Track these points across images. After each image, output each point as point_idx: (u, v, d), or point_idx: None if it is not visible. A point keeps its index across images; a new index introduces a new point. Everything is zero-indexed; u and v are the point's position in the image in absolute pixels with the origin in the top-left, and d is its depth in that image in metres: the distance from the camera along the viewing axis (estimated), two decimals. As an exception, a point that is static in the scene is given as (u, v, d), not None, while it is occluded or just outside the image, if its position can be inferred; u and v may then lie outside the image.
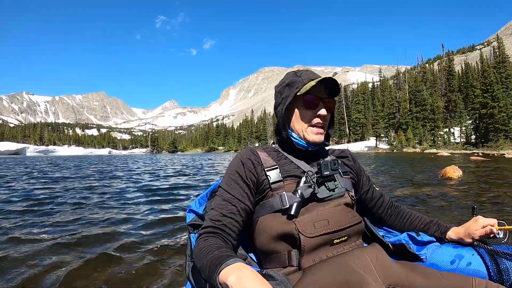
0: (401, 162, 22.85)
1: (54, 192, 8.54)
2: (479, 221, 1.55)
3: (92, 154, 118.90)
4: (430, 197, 6.99)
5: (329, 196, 1.51)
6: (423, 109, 73.69)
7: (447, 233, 1.65)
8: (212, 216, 1.43)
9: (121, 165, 24.61)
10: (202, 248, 1.28)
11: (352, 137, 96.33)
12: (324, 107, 1.58)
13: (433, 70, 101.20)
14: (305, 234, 1.38)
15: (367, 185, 1.81)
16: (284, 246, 1.45)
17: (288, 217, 1.42)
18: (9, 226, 4.85)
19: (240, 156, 1.60)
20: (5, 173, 16.30)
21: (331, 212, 1.46)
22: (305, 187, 1.47)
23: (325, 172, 1.50)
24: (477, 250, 1.48)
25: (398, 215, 1.83)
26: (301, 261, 1.38)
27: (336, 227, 1.43)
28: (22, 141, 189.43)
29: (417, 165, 18.89)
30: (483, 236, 1.53)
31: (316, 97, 1.57)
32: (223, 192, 1.51)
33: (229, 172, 1.57)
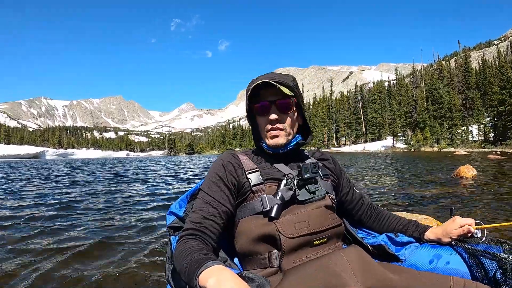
0: (417, 162, 22.82)
1: (68, 195, 8.63)
2: (457, 221, 1.56)
3: (110, 157, 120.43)
4: (439, 197, 7.01)
5: (310, 198, 1.52)
6: (440, 107, 73.43)
7: (425, 233, 1.65)
8: (193, 219, 1.44)
9: (139, 167, 25.00)
10: (182, 250, 1.28)
11: (369, 137, 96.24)
12: (276, 109, 1.57)
13: (449, 67, 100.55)
14: (285, 234, 1.39)
15: (347, 187, 1.82)
16: (265, 247, 1.46)
17: (269, 219, 1.44)
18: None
19: (221, 159, 1.61)
20: (33, 175, 16.76)
21: (311, 213, 1.47)
22: (285, 190, 1.48)
23: (305, 175, 1.50)
24: (455, 249, 1.49)
25: (377, 217, 1.85)
26: (282, 262, 1.40)
27: (316, 228, 1.44)
28: (41, 145, 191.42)
29: (433, 165, 18.87)
30: (461, 236, 1.55)
31: (266, 102, 1.57)
32: (204, 194, 1.51)
33: (210, 175, 1.57)
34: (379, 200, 6.81)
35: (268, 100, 1.58)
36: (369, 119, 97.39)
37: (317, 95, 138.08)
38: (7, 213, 6.01)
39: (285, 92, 1.54)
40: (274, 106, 1.58)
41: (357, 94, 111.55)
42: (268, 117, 1.58)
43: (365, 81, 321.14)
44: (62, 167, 25.36)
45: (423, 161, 23.21)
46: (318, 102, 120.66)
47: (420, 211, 5.21)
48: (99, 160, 67.41)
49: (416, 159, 27.96)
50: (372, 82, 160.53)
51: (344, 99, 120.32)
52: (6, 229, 4.78)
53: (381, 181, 10.61)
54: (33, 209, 6.36)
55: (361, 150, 78.93)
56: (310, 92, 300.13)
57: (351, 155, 50.38)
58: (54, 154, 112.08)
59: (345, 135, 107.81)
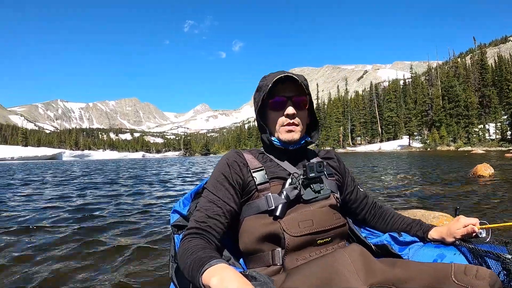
0: (433, 161, 22.73)
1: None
2: (461, 221, 1.55)
3: (126, 158, 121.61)
4: (456, 195, 7.05)
5: (315, 197, 1.53)
6: (456, 105, 72.83)
7: (429, 232, 1.65)
8: (197, 217, 1.44)
9: (157, 168, 24.94)
10: (186, 249, 1.28)
11: (385, 136, 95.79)
12: (292, 105, 1.57)
13: (465, 64, 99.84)
14: (289, 233, 1.40)
15: (351, 186, 1.83)
16: (269, 246, 1.47)
17: (273, 218, 1.45)
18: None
19: (226, 158, 1.62)
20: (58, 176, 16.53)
21: (315, 212, 1.48)
22: (290, 189, 1.49)
23: (310, 174, 1.51)
24: (459, 249, 1.49)
25: (381, 216, 1.86)
26: (285, 260, 1.41)
27: (320, 227, 1.45)
28: (58, 146, 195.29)
29: (449, 164, 18.81)
30: (465, 235, 1.54)
31: (283, 97, 1.57)
32: (208, 193, 1.52)
33: (215, 174, 1.58)
34: (395, 198, 6.94)
35: (285, 96, 1.58)
36: (384, 118, 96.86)
37: (332, 95, 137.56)
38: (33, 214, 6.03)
39: (302, 89, 1.59)
40: (291, 102, 1.58)
41: (372, 93, 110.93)
42: (284, 112, 1.58)
43: (380, 80, 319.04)
44: (80, 168, 25.62)
45: (439, 160, 23.22)
46: (333, 102, 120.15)
47: (437, 209, 5.27)
48: (116, 161, 68.19)
49: (433, 158, 27.90)
50: (387, 81, 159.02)
51: (359, 98, 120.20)
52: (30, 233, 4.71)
53: (398, 180, 10.81)
54: (52, 211, 6.41)
55: (376, 150, 78.63)
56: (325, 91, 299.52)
57: (367, 155, 50.06)
58: (71, 155, 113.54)
59: (361, 135, 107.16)
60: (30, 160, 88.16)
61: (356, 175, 12.54)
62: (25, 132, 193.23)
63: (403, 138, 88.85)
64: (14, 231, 4.73)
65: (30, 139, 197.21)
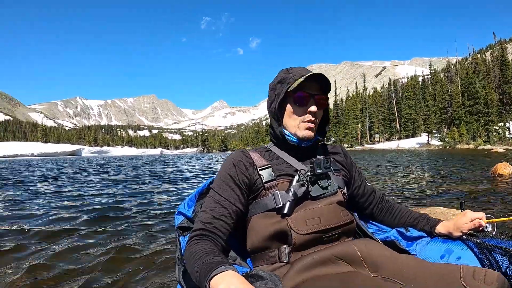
0: (452, 159, 22.57)
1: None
2: (467, 215, 1.56)
3: (144, 154, 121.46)
4: (474, 194, 7.03)
5: (322, 194, 1.53)
6: (476, 102, 71.79)
7: (436, 227, 1.66)
8: (203, 219, 1.45)
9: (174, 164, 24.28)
10: (192, 252, 1.29)
11: (403, 134, 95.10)
12: (314, 103, 1.58)
13: (485, 60, 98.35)
14: (297, 231, 1.41)
15: (359, 180, 1.84)
16: (276, 243, 1.48)
17: (281, 215, 1.45)
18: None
19: (232, 158, 1.61)
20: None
21: (323, 210, 1.48)
22: (298, 186, 1.49)
23: (318, 170, 1.51)
24: (466, 244, 1.49)
25: (388, 210, 1.87)
26: (291, 257, 1.43)
27: (327, 225, 1.45)
28: (78, 143, 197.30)
29: (469, 162, 18.66)
30: (471, 230, 1.55)
31: (306, 93, 1.57)
32: (214, 194, 1.52)
33: (221, 174, 1.58)
34: (414, 196, 7.00)
35: (310, 93, 1.58)
36: (403, 116, 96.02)
37: (350, 91, 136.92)
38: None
39: (325, 88, 1.63)
40: (313, 100, 1.59)
41: (391, 90, 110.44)
42: (306, 109, 1.58)
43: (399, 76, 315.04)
44: (101, 164, 24.29)
45: (458, 159, 23.08)
46: (351, 99, 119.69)
47: (455, 207, 5.20)
48: (135, 157, 68.75)
49: (452, 156, 27.67)
50: (405, 77, 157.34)
51: (378, 95, 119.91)
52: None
53: (417, 178, 10.90)
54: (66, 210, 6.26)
55: (395, 147, 78.51)
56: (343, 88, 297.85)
57: (385, 152, 49.78)
58: (90, 151, 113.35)
59: (379, 132, 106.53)
60: (49, 156, 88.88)
61: (374, 173, 13.06)
62: (45, 129, 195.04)
63: (422, 135, 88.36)
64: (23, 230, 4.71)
65: (50, 136, 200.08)
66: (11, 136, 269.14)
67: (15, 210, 6.17)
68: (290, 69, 1.63)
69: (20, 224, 5.09)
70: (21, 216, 5.67)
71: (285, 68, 1.68)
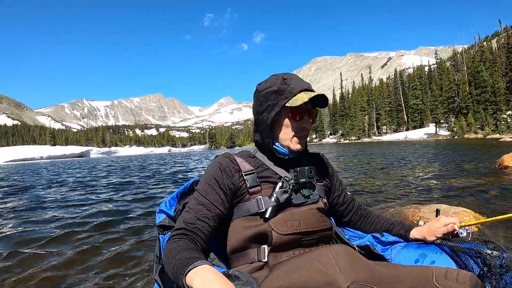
0: (460, 150, 22.18)
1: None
2: (441, 220, 1.59)
3: (152, 153, 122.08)
4: (479, 188, 6.85)
5: (304, 202, 1.56)
6: (483, 91, 71.38)
7: (410, 232, 1.69)
8: (186, 219, 1.45)
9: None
10: (171, 249, 1.30)
11: (411, 124, 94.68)
12: (308, 118, 1.61)
13: (491, 48, 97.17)
14: (277, 231, 1.44)
15: (339, 189, 1.87)
16: (256, 244, 1.50)
17: (263, 220, 1.48)
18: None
19: (218, 162, 1.61)
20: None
21: (303, 214, 1.52)
22: (280, 192, 1.51)
23: (301, 180, 1.54)
24: (441, 248, 1.51)
25: (365, 217, 1.91)
26: (269, 257, 1.45)
27: (307, 228, 1.49)
28: (86, 144, 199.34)
29: (476, 153, 18.41)
30: (446, 234, 1.58)
31: (302, 108, 1.58)
32: (199, 195, 1.53)
33: (207, 177, 1.58)
34: (417, 192, 6.92)
35: (306, 108, 1.60)
36: (410, 106, 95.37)
37: (356, 83, 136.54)
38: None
39: (323, 105, 1.66)
40: (307, 114, 1.61)
41: (397, 81, 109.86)
42: (301, 123, 1.59)
43: (405, 67, 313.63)
44: (109, 165, 23.53)
45: (466, 149, 22.79)
46: (357, 91, 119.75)
47: (459, 203, 5.30)
48: (143, 156, 68.82)
49: (460, 147, 27.42)
50: (411, 67, 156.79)
51: (384, 86, 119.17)
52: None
53: (423, 172, 10.75)
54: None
55: (402, 139, 78.25)
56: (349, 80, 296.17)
57: (393, 144, 49.50)
58: (99, 152, 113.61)
59: (386, 124, 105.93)
60: (58, 158, 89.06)
61: (380, 167, 12.90)
62: (53, 131, 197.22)
63: (430, 126, 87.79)
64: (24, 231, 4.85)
65: (58, 138, 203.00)
66: (19, 140, 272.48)
67: (26, 216, 6.09)
68: (286, 79, 1.60)
69: (31, 227, 5.08)
70: (35, 221, 5.62)
71: (278, 75, 1.64)
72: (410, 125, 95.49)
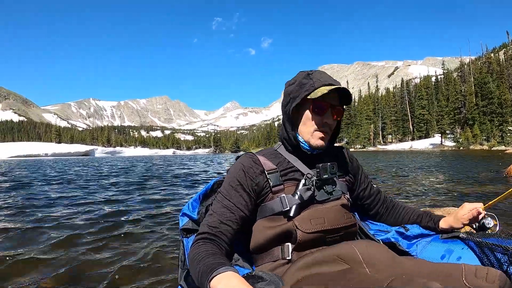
0: (466, 161, 22.32)
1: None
2: (466, 206, 1.61)
3: (157, 155, 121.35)
4: (487, 195, 7.00)
5: (327, 198, 1.55)
6: (490, 102, 71.35)
7: (439, 223, 1.69)
8: (210, 222, 1.45)
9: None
10: (196, 253, 1.30)
11: (416, 134, 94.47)
12: (332, 114, 1.58)
13: (499, 59, 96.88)
14: (302, 229, 1.43)
15: (365, 183, 1.86)
16: (280, 242, 1.49)
17: (287, 218, 1.47)
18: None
19: (241, 163, 1.60)
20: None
21: (327, 211, 1.51)
22: (304, 190, 1.50)
23: (324, 176, 1.52)
24: (466, 243, 1.48)
25: (392, 209, 1.90)
26: (293, 255, 1.45)
27: (331, 225, 1.47)
28: (91, 143, 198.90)
29: (482, 163, 18.51)
30: (471, 220, 1.58)
31: (326, 103, 1.55)
32: (222, 198, 1.52)
33: (230, 179, 1.57)
34: (426, 198, 6.98)
35: (329, 103, 1.57)
36: (416, 116, 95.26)
37: (362, 92, 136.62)
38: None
39: (344, 100, 1.64)
40: (331, 110, 1.58)
41: (403, 90, 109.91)
42: (323, 118, 1.56)
43: (411, 77, 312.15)
44: (111, 165, 22.47)
45: (472, 160, 22.98)
46: (364, 99, 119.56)
47: None
48: (148, 157, 68.14)
49: (466, 157, 27.47)
50: (418, 77, 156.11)
51: (390, 96, 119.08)
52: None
53: (430, 180, 10.84)
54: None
55: (408, 148, 78.17)
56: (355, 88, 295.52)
57: (398, 153, 49.34)
58: (103, 152, 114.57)
59: (392, 133, 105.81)
60: (63, 156, 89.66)
61: (386, 174, 12.92)
62: (59, 129, 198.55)
63: (435, 136, 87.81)
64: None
65: (64, 136, 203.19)
66: (25, 137, 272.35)
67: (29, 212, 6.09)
68: (311, 74, 1.60)
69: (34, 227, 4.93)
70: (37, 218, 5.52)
71: (304, 71, 1.64)
72: (416, 135, 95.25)
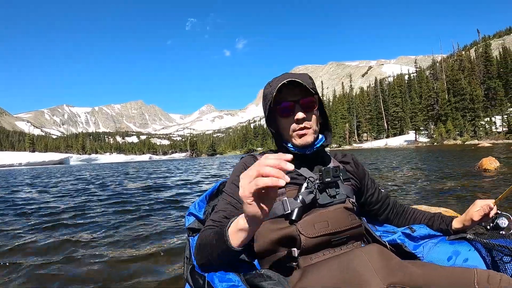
0: (439, 156, 22.51)
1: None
2: (477, 203, 1.58)
3: (133, 161, 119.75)
4: (460, 190, 7.03)
5: (330, 202, 1.52)
6: (462, 98, 72.70)
7: (452, 223, 1.66)
8: (215, 218, 1.47)
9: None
10: (204, 235, 1.35)
11: (391, 132, 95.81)
12: (300, 108, 1.55)
13: (470, 57, 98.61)
14: (305, 234, 1.41)
15: (372, 188, 1.82)
16: (284, 247, 1.47)
17: (289, 222, 1.45)
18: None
19: (244, 162, 1.63)
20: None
21: (331, 214, 1.48)
22: (306, 193, 1.49)
23: (326, 179, 1.50)
24: (473, 245, 1.46)
25: (402, 214, 1.88)
26: (299, 261, 1.42)
27: (335, 228, 1.45)
28: (65, 151, 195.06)
29: (455, 158, 18.67)
30: (483, 217, 1.55)
31: (289, 102, 1.54)
32: (226, 196, 1.54)
33: (233, 177, 1.60)
34: (399, 194, 6.94)
35: (291, 100, 1.54)
36: (390, 114, 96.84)
37: (336, 92, 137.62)
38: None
39: (308, 90, 1.54)
40: (298, 106, 1.55)
41: (377, 89, 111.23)
42: (293, 117, 1.54)
43: (385, 75, 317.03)
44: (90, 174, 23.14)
45: (445, 155, 23.10)
46: (338, 99, 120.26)
47: (440, 204, 5.31)
48: (124, 164, 67.04)
49: (439, 153, 27.76)
50: (391, 76, 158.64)
51: (364, 95, 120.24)
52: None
53: (402, 176, 10.79)
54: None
55: (383, 146, 78.64)
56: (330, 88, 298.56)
57: (373, 151, 49.74)
58: (78, 159, 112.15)
59: (367, 131, 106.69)
60: (38, 165, 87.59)
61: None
62: (32, 138, 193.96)
63: (410, 133, 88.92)
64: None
65: (37, 145, 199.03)
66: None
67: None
68: (271, 82, 1.61)
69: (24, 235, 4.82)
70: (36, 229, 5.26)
71: (268, 82, 1.65)
72: (390, 133, 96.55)
